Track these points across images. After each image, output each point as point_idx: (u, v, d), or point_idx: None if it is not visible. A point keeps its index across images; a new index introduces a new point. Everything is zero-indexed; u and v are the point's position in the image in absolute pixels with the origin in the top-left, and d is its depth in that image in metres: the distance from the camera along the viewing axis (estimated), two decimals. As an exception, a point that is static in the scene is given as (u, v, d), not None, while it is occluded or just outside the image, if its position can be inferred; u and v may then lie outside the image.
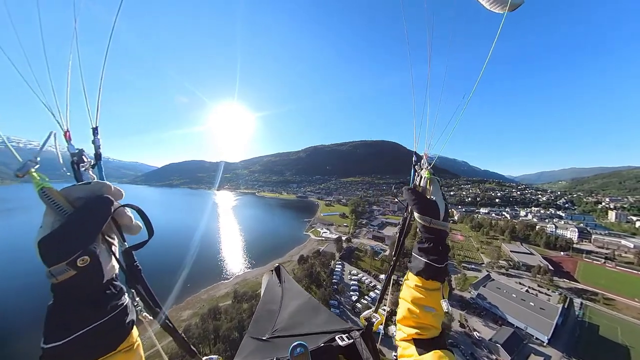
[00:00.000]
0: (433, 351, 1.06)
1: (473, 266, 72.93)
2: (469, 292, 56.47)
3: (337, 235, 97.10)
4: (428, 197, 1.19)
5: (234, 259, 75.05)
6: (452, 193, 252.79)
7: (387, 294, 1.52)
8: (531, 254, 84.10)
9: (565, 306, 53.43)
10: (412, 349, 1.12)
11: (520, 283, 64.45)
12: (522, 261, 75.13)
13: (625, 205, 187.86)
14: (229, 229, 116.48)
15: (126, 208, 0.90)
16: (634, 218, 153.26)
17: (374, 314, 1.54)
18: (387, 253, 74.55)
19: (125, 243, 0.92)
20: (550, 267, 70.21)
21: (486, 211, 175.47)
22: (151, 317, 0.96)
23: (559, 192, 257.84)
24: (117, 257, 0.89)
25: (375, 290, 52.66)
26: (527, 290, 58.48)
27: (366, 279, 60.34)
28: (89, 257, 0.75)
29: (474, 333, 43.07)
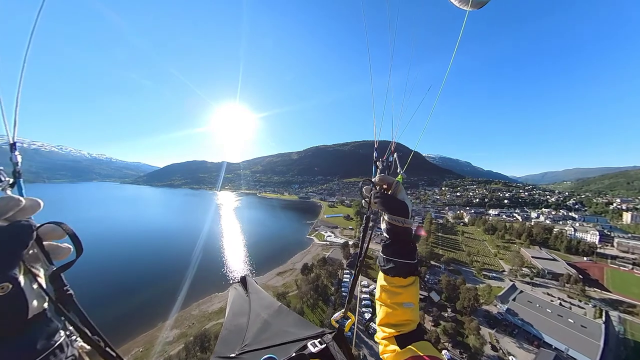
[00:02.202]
0: (413, 343, 1.11)
1: (494, 274, 66.48)
2: (495, 305, 50.13)
3: (342, 240, 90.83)
4: (399, 197, 1.21)
5: (231, 267, 68.64)
6: (458, 194, 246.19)
7: (356, 293, 1.52)
8: (554, 259, 77.46)
9: (603, 321, 47.19)
10: (394, 345, 1.16)
11: (548, 294, 58.01)
12: (546, 268, 68.57)
13: (638, 207, 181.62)
14: (229, 232, 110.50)
15: (50, 225, 0.77)
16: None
17: (344, 315, 1.51)
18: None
19: (52, 266, 0.79)
20: (580, 276, 63.64)
21: (496, 212, 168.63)
22: (89, 347, 0.82)
23: (566, 193, 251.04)
24: (44, 285, 0.73)
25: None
26: (560, 304, 52.04)
27: (378, 290, 53.97)
28: (10, 283, 0.60)
29: (509, 358, 36.82)
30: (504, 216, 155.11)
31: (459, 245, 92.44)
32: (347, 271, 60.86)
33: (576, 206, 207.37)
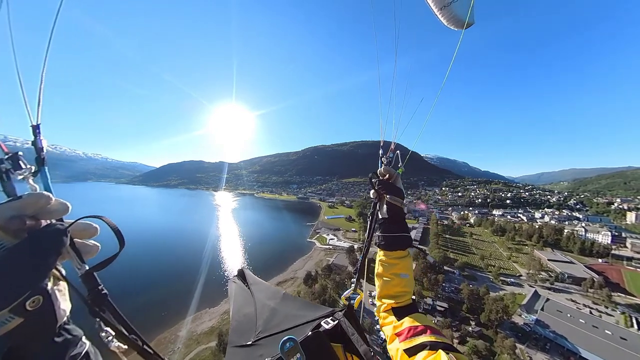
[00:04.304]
0: (409, 315, 1.26)
1: (512, 280, 61.99)
2: (519, 315, 45.55)
3: (346, 243, 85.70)
4: (397, 185, 1.50)
5: (226, 277, 61.99)
6: (459, 194, 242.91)
7: (364, 272, 1.64)
8: (571, 262, 73.41)
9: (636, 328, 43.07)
10: (392, 317, 1.31)
11: (572, 300, 53.76)
12: (566, 272, 64.37)
13: (639, 206, 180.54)
14: (225, 237, 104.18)
15: (85, 222, 0.72)
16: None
17: (353, 292, 1.63)
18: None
19: (85, 265, 0.73)
20: (604, 280, 59.48)
21: (500, 213, 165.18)
22: (126, 347, 0.78)
23: (566, 193, 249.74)
24: (66, 290, 0.68)
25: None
26: (590, 312, 47.73)
27: (391, 301, 47.99)
28: (42, 296, 0.57)
29: (548, 380, 32.21)
30: (508, 217, 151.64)
31: (469, 247, 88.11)
32: (355, 279, 55.72)
33: (577, 206, 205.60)
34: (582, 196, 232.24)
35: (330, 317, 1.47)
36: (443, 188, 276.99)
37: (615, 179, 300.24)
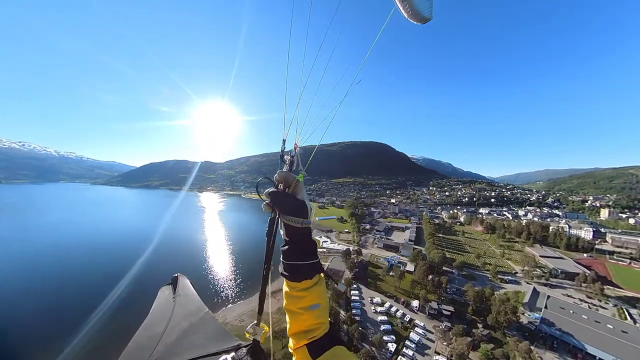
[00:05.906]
0: (325, 353, 1.06)
1: (509, 278, 61.84)
2: (522, 313, 44.72)
3: (341, 246, 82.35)
4: (298, 197, 1.16)
5: (212, 288, 55.22)
6: (447, 194, 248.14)
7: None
8: (562, 258, 74.99)
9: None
10: (306, 355, 1.10)
11: (568, 295, 54.15)
12: (558, 268, 65.29)
13: (609, 204, 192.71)
14: (211, 241, 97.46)
15: None
16: (623, 215, 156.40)
17: (257, 326, 1.39)
18: (408, 268, 61.08)
19: None
20: (596, 275, 60.68)
21: (487, 211, 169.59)
22: None
23: (543, 192, 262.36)
24: None
25: (415, 329, 38.85)
26: (588, 306, 47.95)
27: (395, 308, 44.74)
28: None
29: (562, 381, 30.96)
30: (494, 215, 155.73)
31: (463, 246, 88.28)
32: (356, 286, 52.75)
33: (555, 204, 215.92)
34: (558, 195, 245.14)
35: (232, 355, 1.26)
36: (430, 188, 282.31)
37: (585, 179, 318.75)
